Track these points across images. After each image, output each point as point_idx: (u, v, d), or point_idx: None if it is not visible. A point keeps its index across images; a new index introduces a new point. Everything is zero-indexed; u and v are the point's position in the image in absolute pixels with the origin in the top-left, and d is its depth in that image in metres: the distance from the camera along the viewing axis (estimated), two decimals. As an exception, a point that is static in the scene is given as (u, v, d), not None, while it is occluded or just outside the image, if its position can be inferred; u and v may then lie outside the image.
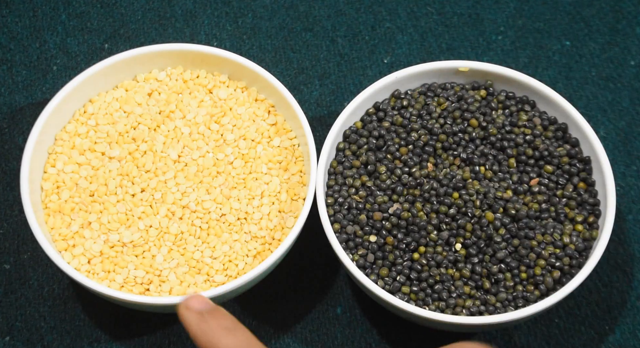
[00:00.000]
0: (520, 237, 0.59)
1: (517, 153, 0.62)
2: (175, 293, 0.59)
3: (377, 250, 0.60)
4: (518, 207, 0.60)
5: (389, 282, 0.59)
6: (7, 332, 0.64)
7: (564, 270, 0.59)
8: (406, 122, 0.63)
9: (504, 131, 0.63)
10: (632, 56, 0.73)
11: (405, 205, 0.60)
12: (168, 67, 0.67)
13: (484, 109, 0.64)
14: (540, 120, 0.63)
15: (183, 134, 0.64)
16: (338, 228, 0.61)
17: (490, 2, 0.75)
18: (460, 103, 0.64)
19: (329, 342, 0.64)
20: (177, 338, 0.64)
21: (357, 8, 0.75)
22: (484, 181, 0.61)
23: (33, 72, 0.72)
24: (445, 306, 0.58)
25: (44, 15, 0.74)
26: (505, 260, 0.59)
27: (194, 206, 0.62)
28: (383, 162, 0.62)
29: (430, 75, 0.65)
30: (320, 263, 0.66)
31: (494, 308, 0.58)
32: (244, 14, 0.75)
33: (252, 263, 0.61)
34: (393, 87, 0.65)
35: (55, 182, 0.62)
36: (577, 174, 0.62)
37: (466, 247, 0.59)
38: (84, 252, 0.60)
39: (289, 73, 0.73)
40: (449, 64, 0.65)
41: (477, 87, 0.65)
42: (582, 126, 0.62)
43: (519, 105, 0.64)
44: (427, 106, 0.64)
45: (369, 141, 0.63)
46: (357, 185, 0.62)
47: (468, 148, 0.62)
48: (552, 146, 0.62)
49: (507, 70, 0.65)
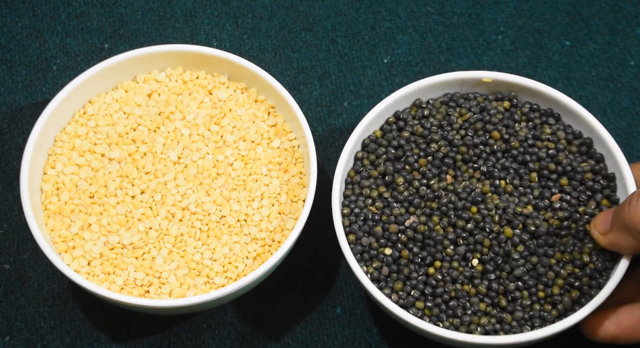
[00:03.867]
0: (539, 255, 0.58)
1: (540, 167, 0.60)
2: (175, 295, 0.60)
3: (392, 263, 0.59)
4: (538, 223, 0.58)
5: (403, 297, 0.58)
6: (7, 332, 0.64)
7: (582, 290, 0.57)
8: (426, 132, 0.62)
9: (527, 144, 0.61)
10: (632, 56, 0.73)
11: (422, 218, 0.59)
12: (168, 67, 0.66)
13: (506, 121, 0.62)
14: (564, 134, 0.62)
15: (183, 135, 0.64)
16: (353, 240, 0.60)
17: (490, 2, 0.75)
18: (483, 114, 0.62)
19: (329, 342, 0.64)
20: (177, 339, 0.64)
21: (357, 8, 0.75)
22: (504, 195, 0.60)
23: (33, 72, 0.72)
24: (459, 323, 0.57)
25: (43, 15, 0.74)
26: (522, 278, 0.58)
27: (193, 208, 0.62)
28: (401, 173, 0.61)
29: (453, 84, 0.64)
30: (320, 263, 0.66)
31: (509, 326, 0.57)
32: (243, 14, 0.75)
33: (252, 265, 0.61)
34: (414, 96, 0.64)
35: (55, 184, 0.62)
36: (601, 191, 0.60)
37: (483, 263, 0.58)
38: (84, 253, 0.60)
39: (288, 73, 0.73)
40: (472, 74, 0.64)
41: (500, 98, 0.64)
42: (607, 142, 0.61)
43: (543, 118, 0.63)
44: (449, 117, 0.63)
45: (388, 151, 0.62)
46: (374, 195, 0.61)
47: (489, 161, 0.61)
48: (576, 161, 0.61)
49: (531, 82, 0.63)
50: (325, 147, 0.70)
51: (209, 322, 0.64)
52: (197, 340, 0.64)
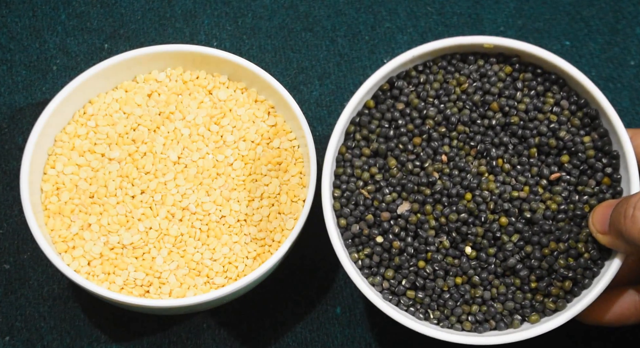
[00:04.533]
0: (533, 243, 0.56)
1: (540, 143, 0.58)
2: (175, 295, 0.60)
3: (383, 252, 0.58)
4: (535, 207, 0.57)
5: (394, 285, 0.57)
6: (7, 332, 0.64)
7: (577, 280, 0.56)
8: (422, 105, 0.59)
9: (527, 118, 0.58)
10: (632, 56, 0.73)
11: (415, 206, 0.57)
12: (168, 67, 0.66)
13: (507, 92, 0.58)
14: (568, 104, 0.58)
15: (183, 135, 0.64)
16: (344, 224, 0.58)
17: (490, 2, 0.75)
18: (482, 81, 0.59)
19: (329, 342, 0.64)
20: (177, 339, 0.64)
21: (357, 8, 0.75)
22: (500, 175, 0.58)
23: (33, 72, 0.72)
24: (450, 313, 0.57)
25: (43, 15, 0.74)
26: (515, 268, 0.57)
27: (193, 208, 0.62)
28: (394, 152, 0.59)
29: (452, 51, 0.60)
30: (320, 263, 0.66)
31: (500, 316, 0.57)
32: (243, 14, 0.75)
33: (251, 265, 0.61)
34: (410, 65, 0.60)
35: (55, 184, 0.62)
36: (602, 170, 0.57)
37: (476, 250, 0.57)
38: (84, 253, 0.60)
39: (288, 73, 0.73)
40: (472, 40, 0.59)
41: (502, 60, 0.60)
42: (611, 117, 0.57)
43: (546, 83, 0.59)
44: (446, 84, 0.59)
45: (381, 124, 0.59)
46: (365, 177, 0.59)
47: (486, 137, 0.58)
48: (579, 135, 0.58)
49: (535, 49, 0.59)
50: (325, 147, 0.69)
51: (209, 322, 0.64)
52: (197, 340, 0.64)
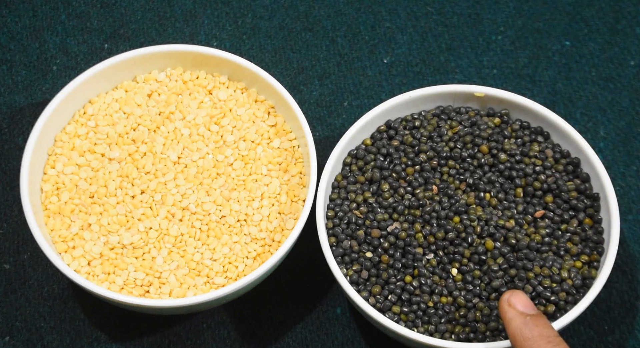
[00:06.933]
0: (517, 268, 0.58)
1: (525, 183, 0.61)
2: (175, 295, 0.60)
3: (371, 268, 0.60)
4: (519, 237, 0.59)
5: (380, 300, 0.59)
6: (7, 332, 0.64)
7: (559, 305, 0.58)
8: (416, 142, 0.63)
9: (514, 160, 0.62)
10: (632, 56, 0.73)
11: (405, 225, 0.60)
12: (168, 67, 0.66)
13: (496, 137, 0.62)
14: (552, 152, 0.62)
15: (183, 135, 0.64)
16: (334, 242, 0.61)
17: (490, 2, 0.75)
18: (473, 128, 0.63)
19: (329, 342, 0.64)
20: (177, 339, 0.64)
21: (357, 8, 0.75)
22: (487, 208, 0.60)
23: (33, 72, 0.72)
24: (434, 330, 0.58)
25: (43, 15, 0.74)
26: (500, 290, 0.58)
27: (193, 208, 0.62)
28: (388, 180, 0.62)
29: (445, 97, 0.65)
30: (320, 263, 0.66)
31: (483, 336, 0.58)
32: (243, 14, 0.75)
33: (252, 265, 0.61)
34: (405, 106, 0.65)
35: (55, 184, 0.62)
36: (584, 210, 0.61)
37: (462, 273, 0.59)
38: (84, 253, 0.60)
39: (288, 73, 0.73)
40: (464, 88, 0.64)
41: (492, 114, 0.64)
42: (594, 162, 0.61)
43: (532, 135, 0.63)
44: (439, 128, 0.63)
45: (377, 158, 0.63)
46: (359, 200, 0.62)
47: (475, 174, 0.62)
48: (562, 179, 0.61)
49: (523, 100, 0.64)
50: (325, 147, 0.70)
51: (209, 322, 0.64)
52: (197, 340, 0.64)
